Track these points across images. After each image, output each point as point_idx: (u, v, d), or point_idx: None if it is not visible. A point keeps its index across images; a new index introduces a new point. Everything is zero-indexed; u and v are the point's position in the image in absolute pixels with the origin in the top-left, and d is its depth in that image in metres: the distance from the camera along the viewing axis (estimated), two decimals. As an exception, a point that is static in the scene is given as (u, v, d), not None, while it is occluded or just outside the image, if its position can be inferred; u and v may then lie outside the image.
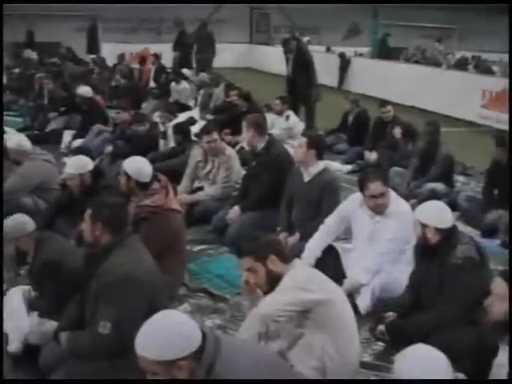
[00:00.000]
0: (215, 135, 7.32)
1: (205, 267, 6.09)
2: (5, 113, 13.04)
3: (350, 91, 17.86)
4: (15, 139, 7.17)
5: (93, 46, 22.54)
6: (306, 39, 24.16)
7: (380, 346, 4.74)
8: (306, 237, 5.74)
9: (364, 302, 5.12)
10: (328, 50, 24.41)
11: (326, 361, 3.65)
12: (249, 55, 28.12)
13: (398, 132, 9.31)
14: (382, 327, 4.70)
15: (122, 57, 19.95)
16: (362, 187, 5.32)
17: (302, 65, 11.97)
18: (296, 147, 6.29)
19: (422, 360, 2.71)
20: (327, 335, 3.65)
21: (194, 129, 9.67)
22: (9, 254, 4.83)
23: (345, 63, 20.96)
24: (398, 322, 4.66)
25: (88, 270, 3.94)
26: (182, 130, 8.57)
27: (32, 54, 20.71)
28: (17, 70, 16.89)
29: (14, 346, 4.45)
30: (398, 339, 4.54)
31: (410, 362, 2.72)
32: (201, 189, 7.44)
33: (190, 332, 2.64)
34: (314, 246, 5.50)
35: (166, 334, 2.58)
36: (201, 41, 19.43)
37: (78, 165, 5.96)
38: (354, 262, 5.39)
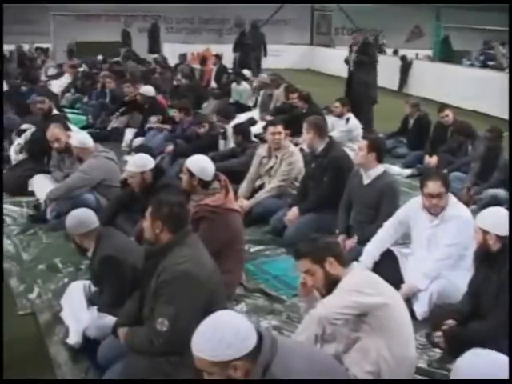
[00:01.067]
0: (280, 128, 7.35)
1: (262, 268, 6.11)
2: (68, 111, 13.36)
3: (410, 94, 17.67)
4: (79, 137, 7.32)
5: (154, 46, 22.79)
6: (383, 41, 24.01)
7: (436, 352, 4.67)
8: (364, 240, 5.71)
9: (421, 307, 5.07)
10: (395, 52, 24.21)
11: (382, 365, 3.63)
12: (309, 57, 28.06)
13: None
14: (439, 334, 4.64)
15: (183, 57, 20.12)
16: (421, 185, 5.29)
17: (362, 61, 11.93)
18: (357, 150, 6.26)
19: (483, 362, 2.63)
20: (383, 340, 3.63)
21: (254, 130, 9.71)
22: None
23: (406, 66, 20.75)
24: (456, 329, 4.59)
25: (148, 267, 4.00)
26: (242, 130, 8.61)
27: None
28: (82, 69, 17.17)
29: (73, 339, 4.55)
30: (456, 347, 4.48)
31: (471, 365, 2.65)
32: (262, 187, 7.45)
33: (245, 333, 2.65)
34: (373, 250, 5.47)
35: (222, 335, 2.59)
36: (253, 41, 19.58)
37: (140, 163, 6.05)
38: (412, 266, 5.35)
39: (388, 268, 5.25)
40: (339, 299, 3.64)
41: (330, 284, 3.72)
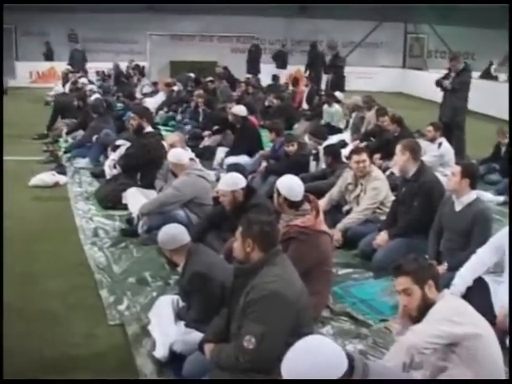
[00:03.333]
0: (364, 156, 7.31)
1: (349, 291, 6.06)
2: (162, 128, 13.67)
3: (502, 119, 17.19)
4: (175, 153, 7.44)
5: (253, 67, 23.00)
6: (494, 67, 23.49)
7: (528, 387, 4.52)
8: (454, 268, 5.58)
9: (512, 338, 4.91)
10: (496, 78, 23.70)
11: (468, 398, 3.55)
12: (401, 80, 27.76)
13: None
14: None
15: (275, 78, 20.24)
16: None
17: (459, 87, 11.77)
18: (449, 175, 6.16)
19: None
20: (472, 371, 3.54)
21: (345, 152, 9.67)
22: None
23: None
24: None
25: (237, 285, 4.03)
26: (333, 152, 8.58)
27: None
28: (176, 88, 17.49)
29: (160, 352, 4.61)
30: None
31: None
32: (350, 213, 7.41)
33: (335, 359, 2.61)
34: (466, 275, 5.30)
35: (313, 360, 2.56)
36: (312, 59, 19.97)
37: (231, 182, 6.10)
38: (503, 296, 5.19)
39: (479, 297, 5.11)
40: (429, 328, 3.58)
41: (424, 308, 3.66)
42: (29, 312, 5.47)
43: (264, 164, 9.48)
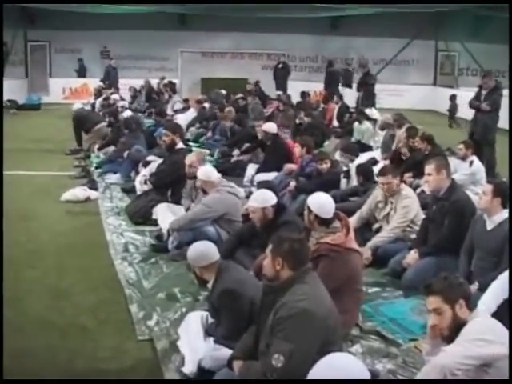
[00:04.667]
0: (390, 178, 7.27)
1: (379, 310, 6.00)
2: (192, 144, 13.74)
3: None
4: (203, 170, 7.48)
5: (281, 84, 23.05)
6: None
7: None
8: (485, 287, 5.51)
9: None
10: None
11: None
12: (432, 97, 27.65)
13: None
14: None
15: (305, 95, 20.26)
16: None
17: (489, 104, 11.71)
18: (480, 194, 6.11)
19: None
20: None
21: (376, 169, 9.64)
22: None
23: (454, 105, 20.16)
24: None
25: (266, 302, 4.03)
26: (364, 171, 8.56)
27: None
28: (206, 105, 17.57)
29: (188, 368, 4.61)
30: None
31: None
32: (379, 231, 7.39)
33: (358, 375, 2.62)
34: (496, 291, 5.24)
35: (336, 376, 2.57)
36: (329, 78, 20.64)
37: (261, 198, 6.12)
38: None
39: (508, 316, 5.04)
40: (462, 349, 3.52)
41: (456, 327, 3.62)
42: (59, 325, 5.51)
43: (293, 183, 9.44)
